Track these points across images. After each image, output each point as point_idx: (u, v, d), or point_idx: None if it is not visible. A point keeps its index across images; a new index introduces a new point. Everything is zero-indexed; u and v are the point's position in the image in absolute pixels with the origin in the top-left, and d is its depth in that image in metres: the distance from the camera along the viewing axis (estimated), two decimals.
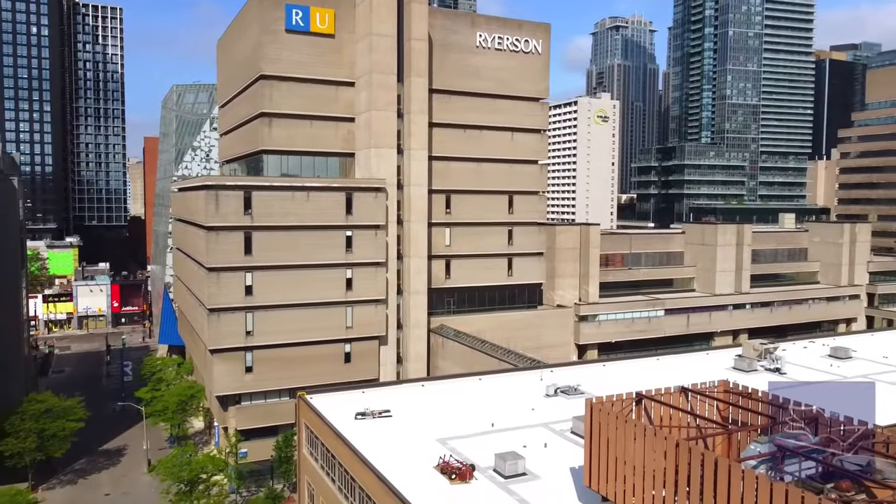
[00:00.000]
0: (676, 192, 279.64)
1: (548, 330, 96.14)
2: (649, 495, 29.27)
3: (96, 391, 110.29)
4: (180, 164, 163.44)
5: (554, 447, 42.54)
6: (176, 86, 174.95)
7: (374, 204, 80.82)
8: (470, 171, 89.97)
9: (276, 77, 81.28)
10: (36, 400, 78.84)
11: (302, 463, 53.54)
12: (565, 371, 61.68)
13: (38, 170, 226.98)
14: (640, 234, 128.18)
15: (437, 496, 35.76)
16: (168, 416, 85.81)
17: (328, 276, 78.72)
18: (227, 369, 75.73)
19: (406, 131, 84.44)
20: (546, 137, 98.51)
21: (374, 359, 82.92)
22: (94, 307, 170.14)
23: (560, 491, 36.43)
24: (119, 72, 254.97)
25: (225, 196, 73.94)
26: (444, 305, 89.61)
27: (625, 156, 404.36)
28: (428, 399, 53.67)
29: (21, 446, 73.44)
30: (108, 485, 77.84)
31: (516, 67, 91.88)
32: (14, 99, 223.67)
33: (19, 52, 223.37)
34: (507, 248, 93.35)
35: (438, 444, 43.03)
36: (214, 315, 74.63)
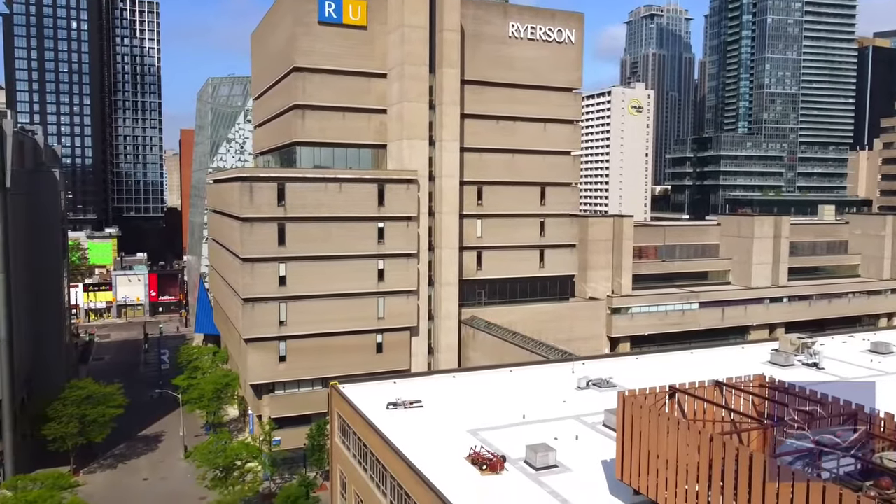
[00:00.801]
0: (712, 183, 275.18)
1: (579, 322, 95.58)
2: (682, 490, 29.00)
3: (134, 378, 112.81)
4: (215, 155, 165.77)
5: (585, 440, 42.36)
6: (211, 79, 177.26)
7: (406, 195, 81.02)
8: (502, 163, 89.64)
9: (309, 69, 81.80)
10: (77, 386, 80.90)
11: (334, 452, 54.16)
12: (597, 363, 61.28)
13: (78, 162, 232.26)
14: (674, 226, 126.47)
15: (468, 487, 35.88)
16: (204, 404, 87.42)
17: (360, 267, 79.24)
18: (262, 358, 76.83)
19: (438, 122, 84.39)
20: (579, 128, 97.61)
21: (405, 349, 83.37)
22: (132, 296, 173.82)
23: (591, 484, 36.28)
24: (156, 65, 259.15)
25: (259, 188, 74.81)
26: (475, 297, 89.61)
27: (659, 147, 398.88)
28: (459, 390, 53.80)
29: (63, 431, 75.55)
30: (146, 470, 79.70)
31: (549, 57, 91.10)
32: (56, 93, 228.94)
33: (60, 46, 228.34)
34: (539, 240, 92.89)
35: (469, 435, 43.15)
36: (249, 305, 75.71)
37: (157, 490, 73.74)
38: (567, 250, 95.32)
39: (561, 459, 38.85)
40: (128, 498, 71.66)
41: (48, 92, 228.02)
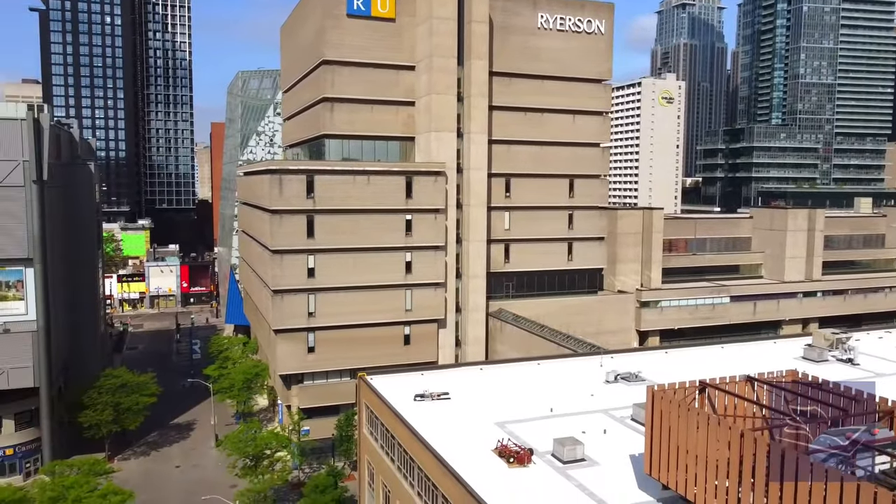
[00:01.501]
0: (744, 175, 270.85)
1: (608, 316, 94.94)
2: (712, 485, 28.71)
3: (167, 368, 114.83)
4: (245, 148, 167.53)
5: (613, 434, 42.12)
6: (241, 72, 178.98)
7: (434, 188, 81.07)
8: (530, 155, 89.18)
9: (337, 62, 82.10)
10: (112, 375, 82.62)
11: (362, 442, 54.61)
12: (626, 357, 60.84)
13: (112, 155, 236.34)
14: (705, 219, 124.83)
15: (495, 479, 35.93)
16: (234, 394, 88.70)
17: (388, 259, 79.58)
18: (291, 349, 77.67)
19: (466, 115, 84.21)
20: (609, 120, 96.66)
21: (432, 341, 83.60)
22: (164, 287, 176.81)
23: (619, 478, 36.09)
24: (187, 59, 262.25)
25: (288, 180, 75.43)
26: (502, 289, 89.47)
27: (690, 138, 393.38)
28: (486, 382, 53.83)
29: (98, 418, 77.28)
30: (178, 457, 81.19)
31: (578, 49, 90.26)
32: (90, 87, 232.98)
33: (94, 41, 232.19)
34: (568, 233, 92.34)
35: (496, 427, 43.16)
36: (278, 296, 76.51)
37: (189, 477, 75.10)
38: (596, 243, 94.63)
39: (589, 453, 38.70)
40: (161, 484, 73.12)
41: (83, 86, 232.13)
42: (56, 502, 53.37)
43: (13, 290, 72.05)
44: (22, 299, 72.26)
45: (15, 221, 69.99)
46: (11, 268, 71.68)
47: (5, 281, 71.95)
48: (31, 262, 71.45)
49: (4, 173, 69.06)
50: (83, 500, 52.35)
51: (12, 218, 69.88)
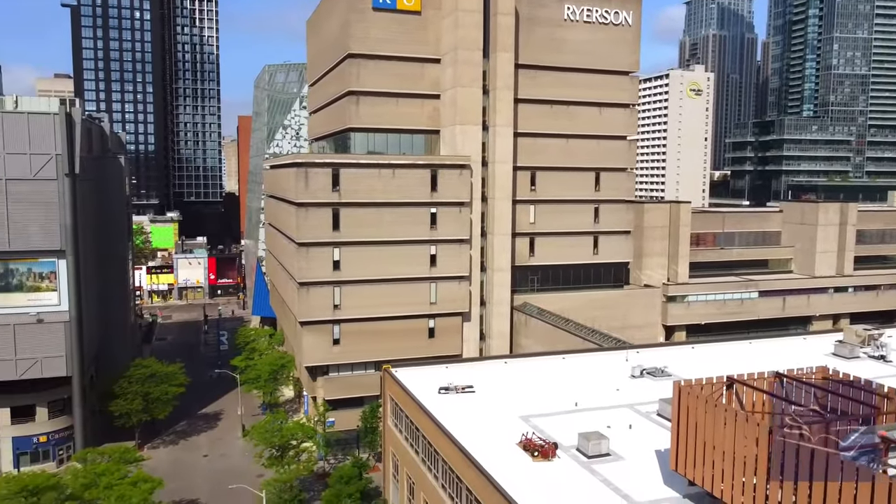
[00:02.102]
0: (774, 168, 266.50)
1: (634, 310, 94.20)
2: (739, 482, 28.45)
3: (195, 358, 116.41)
4: (272, 142, 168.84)
5: (639, 429, 41.92)
6: (268, 66, 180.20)
7: (459, 181, 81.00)
8: (556, 148, 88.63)
9: (363, 55, 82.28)
10: (142, 365, 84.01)
11: (387, 434, 54.96)
12: (652, 352, 60.44)
13: (141, 148, 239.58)
14: (733, 213, 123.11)
15: (520, 473, 35.96)
16: (260, 385, 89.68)
17: (413, 252, 79.74)
18: (316, 341, 78.31)
19: (491, 107, 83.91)
20: (636, 112, 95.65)
21: (457, 335, 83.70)
22: (192, 279, 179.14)
23: (644, 473, 35.92)
24: (214, 53, 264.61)
25: (314, 173, 75.88)
26: (527, 283, 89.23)
27: (718, 131, 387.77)
28: (511, 376, 53.85)
29: (129, 407, 78.69)
30: (206, 447, 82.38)
31: (605, 40, 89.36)
32: (120, 81, 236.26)
33: (124, 36, 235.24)
34: (593, 226, 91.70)
35: (521, 421, 43.18)
36: (304, 289, 77.13)
37: (216, 466, 76.19)
38: (622, 237, 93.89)
39: (614, 448, 38.57)
40: (189, 473, 74.29)
41: (113, 80, 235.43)
42: (88, 489, 54.44)
43: (46, 281, 73.56)
44: (55, 290, 73.70)
45: (48, 214, 71.35)
46: (45, 259, 73.12)
47: (39, 272, 73.44)
48: (63, 253, 72.82)
49: (38, 167, 70.38)
50: (114, 487, 53.31)
51: (45, 210, 71.23)
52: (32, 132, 70.12)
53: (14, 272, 72.59)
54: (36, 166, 70.29)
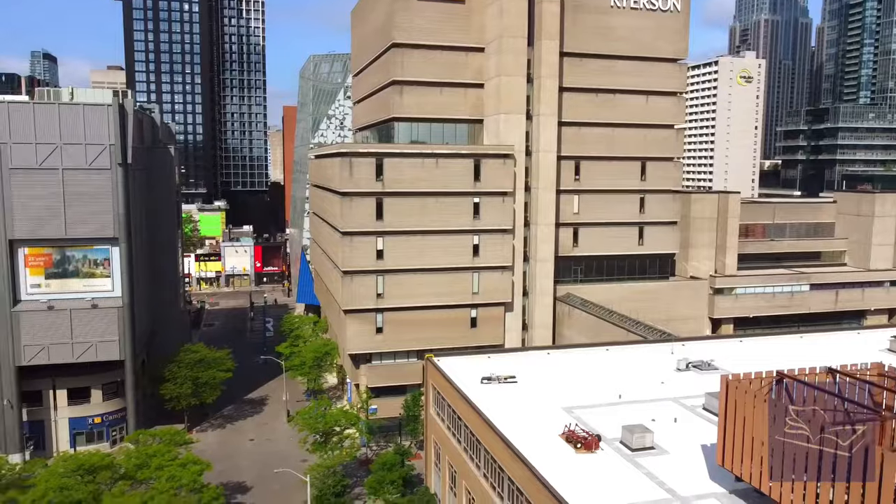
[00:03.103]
0: (828, 157, 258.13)
1: (680, 302, 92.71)
2: (788, 479, 27.83)
3: (241, 344, 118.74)
4: (316, 131, 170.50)
5: (684, 423, 41.34)
6: (313, 56, 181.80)
7: (502, 170, 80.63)
8: (601, 137, 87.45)
9: (407, 45, 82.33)
10: (191, 350, 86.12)
11: (429, 422, 55.32)
12: (698, 345, 59.48)
13: (190, 139, 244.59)
14: (784, 203, 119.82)
15: (562, 464, 35.83)
16: (305, 371, 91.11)
17: (455, 242, 79.80)
18: (359, 329, 79.15)
19: (535, 96, 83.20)
20: (683, 100, 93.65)
21: (499, 325, 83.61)
22: (239, 267, 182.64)
23: (689, 467, 35.43)
24: (260, 44, 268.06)
25: (358, 163, 76.45)
26: (570, 274, 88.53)
27: (769, 119, 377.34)
28: (553, 367, 53.60)
29: (178, 391, 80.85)
30: (252, 431, 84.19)
31: (653, 27, 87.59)
32: (170, 73, 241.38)
33: (174, 28, 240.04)
34: (639, 217, 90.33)
35: (564, 412, 42.99)
36: (348, 277, 77.95)
37: (262, 450, 77.83)
38: (668, 227, 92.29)
39: (658, 441, 38.13)
40: (236, 456, 76.06)
41: (163, 72, 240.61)
42: (140, 469, 56.18)
43: (101, 267, 75.88)
44: (108, 276, 76.01)
45: (102, 203, 73.46)
46: (99, 246, 75.43)
47: (93, 259, 75.80)
48: (116, 241, 74.97)
49: (92, 157, 72.47)
50: (165, 468, 54.89)
51: (100, 199, 73.34)
52: (87, 123, 72.18)
53: (70, 259, 75.08)
54: (91, 156, 72.38)
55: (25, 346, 72.21)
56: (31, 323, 72.48)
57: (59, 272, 74.69)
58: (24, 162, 70.49)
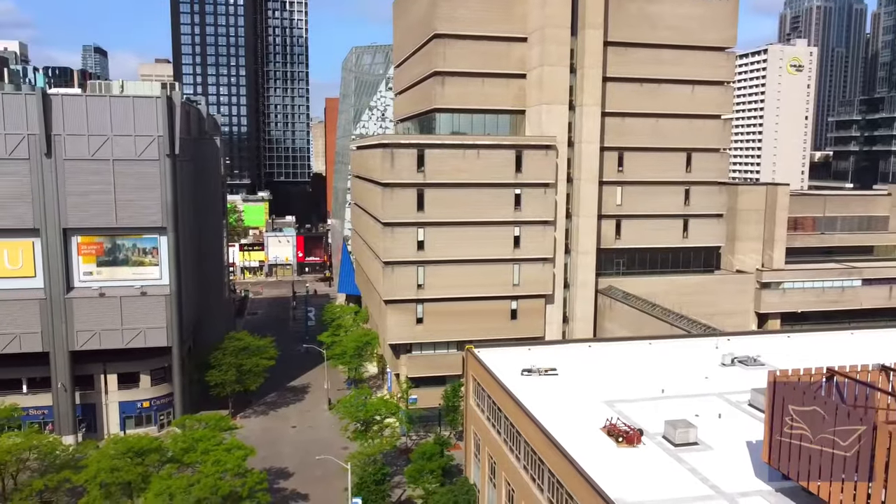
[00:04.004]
0: (883, 148, 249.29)
1: (725, 296, 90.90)
2: (838, 479, 27.14)
3: (284, 333, 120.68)
4: (358, 123, 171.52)
5: (729, 419, 40.62)
6: (355, 48, 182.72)
7: (544, 162, 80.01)
8: (645, 127, 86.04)
9: (449, 35, 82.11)
10: (235, 338, 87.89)
11: (468, 413, 55.45)
12: (744, 340, 58.32)
13: (234, 130, 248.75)
14: (835, 196, 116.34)
15: (603, 458, 35.57)
16: (346, 360, 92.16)
17: (496, 233, 79.59)
18: (400, 319, 79.64)
19: (578, 86, 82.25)
20: (731, 90, 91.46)
21: (539, 317, 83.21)
22: (282, 256, 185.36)
23: (734, 464, 34.83)
24: (304, 36, 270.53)
25: (399, 154, 76.70)
26: (612, 266, 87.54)
27: (820, 109, 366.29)
28: (594, 360, 53.17)
29: (223, 378, 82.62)
30: (294, 418, 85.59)
31: (700, 15, 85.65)
32: (215, 65, 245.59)
33: (219, 21, 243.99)
34: (683, 209, 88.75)
35: (605, 406, 42.64)
36: (389, 268, 78.44)
37: (304, 437, 79.07)
38: (714, 220, 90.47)
39: (702, 437, 37.57)
40: (279, 442, 77.45)
41: (209, 65, 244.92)
42: (187, 453, 57.61)
43: (149, 256, 77.82)
44: (157, 265, 77.92)
45: (151, 193, 75.26)
46: (148, 235, 77.35)
47: (142, 248, 77.76)
48: (164, 230, 76.77)
49: (142, 148, 74.24)
50: (211, 453, 56.15)
51: (148, 189, 75.15)
52: (137, 115, 73.92)
53: (120, 247, 77.16)
54: (140, 147, 74.15)
55: (78, 331, 74.59)
56: (84, 309, 74.79)
57: (109, 260, 76.84)
58: (77, 153, 72.59)
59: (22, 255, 73.87)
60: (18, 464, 60.01)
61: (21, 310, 73.29)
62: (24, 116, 70.84)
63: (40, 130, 70.97)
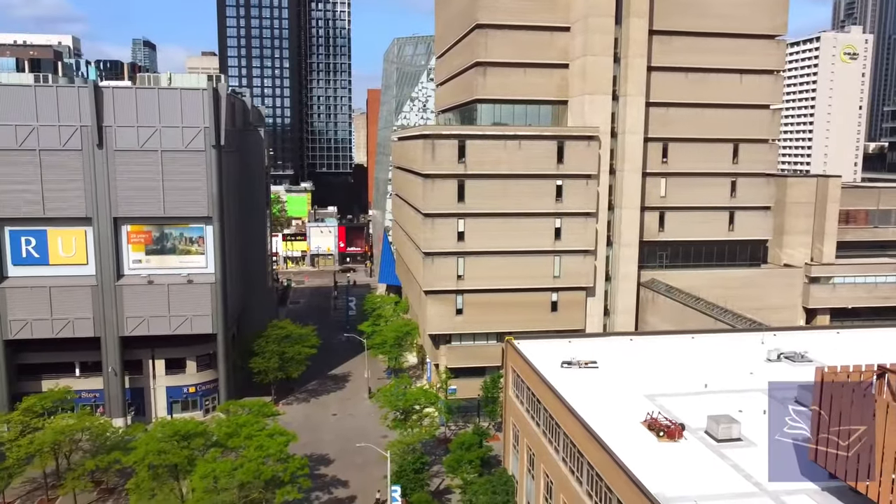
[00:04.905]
0: None
1: (771, 291, 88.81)
2: (888, 480, 26.39)
3: (325, 322, 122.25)
4: (399, 114, 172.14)
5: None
6: (396, 39, 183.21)
7: (586, 153, 79.16)
8: (690, 118, 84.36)
9: (491, 25, 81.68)
10: (278, 326, 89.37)
11: (507, 404, 55.44)
12: (791, 335, 57.02)
13: (278, 121, 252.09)
14: (890, 188, 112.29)
15: (644, 452, 35.23)
16: (386, 350, 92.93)
17: (537, 224, 79.14)
18: (440, 310, 79.92)
19: (622, 76, 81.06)
20: (781, 79, 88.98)
21: (580, 309, 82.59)
22: (323, 247, 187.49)
23: (779, 461, 34.05)
24: (346, 28, 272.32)
25: (440, 145, 76.74)
26: (655, 259, 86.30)
27: (876, 98, 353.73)
28: (636, 353, 52.60)
29: (266, 365, 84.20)
30: (335, 405, 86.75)
31: (750, 2, 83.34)
32: (260, 58, 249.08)
33: (264, 14, 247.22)
34: (729, 201, 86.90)
35: (646, 399, 42.20)
36: (429, 259, 78.72)
37: (344, 425, 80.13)
38: (761, 213, 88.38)
39: (746, 433, 36.94)
40: (320, 429, 78.63)
41: (254, 57, 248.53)
42: (231, 437, 58.90)
43: (196, 245, 79.57)
44: (203, 254, 79.63)
45: (197, 183, 76.84)
46: (194, 225, 79.06)
47: (189, 237, 79.53)
48: (210, 220, 78.35)
49: (189, 139, 75.81)
50: (254, 438, 57.30)
51: (195, 180, 76.73)
52: (184, 106, 75.45)
53: (168, 236, 79.05)
54: (187, 138, 75.70)
55: (128, 317, 76.76)
56: (133, 296, 76.91)
57: (157, 249, 78.80)
58: (127, 144, 74.49)
59: (75, 243, 76.30)
60: (71, 444, 62.24)
61: (74, 296, 75.75)
62: (77, 109, 72.98)
63: (92, 122, 73.00)
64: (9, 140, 72.06)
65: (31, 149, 72.57)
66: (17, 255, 75.49)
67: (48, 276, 75.73)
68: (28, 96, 72.29)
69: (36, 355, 77.64)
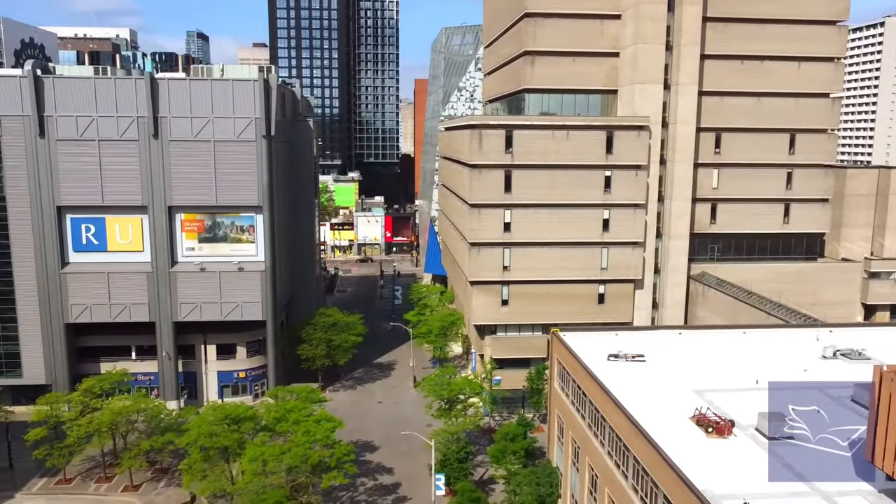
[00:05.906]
0: None
1: (827, 286, 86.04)
2: None
3: (371, 311, 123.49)
4: (447, 104, 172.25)
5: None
6: (444, 29, 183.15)
7: (636, 143, 77.87)
8: (745, 107, 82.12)
9: (540, 14, 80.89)
10: (325, 314, 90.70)
11: (552, 396, 55.19)
12: (848, 332, 55.22)
13: (327, 112, 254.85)
14: None
15: (691, 447, 34.68)
16: (431, 339, 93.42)
17: (585, 216, 78.34)
18: (485, 301, 79.91)
19: (674, 65, 79.35)
20: (842, 66, 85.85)
21: (628, 302, 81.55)
22: (370, 236, 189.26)
23: (833, 461, 33.15)
24: (394, 18, 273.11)
25: (487, 135, 76.47)
26: (706, 252, 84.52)
27: None
28: (685, 348, 51.73)
29: (313, 352, 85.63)
30: (380, 393, 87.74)
31: None
32: (309, 49, 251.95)
33: (313, 5, 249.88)
34: (785, 193, 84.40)
35: (695, 395, 41.48)
36: (475, 249, 78.70)
37: (389, 413, 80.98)
38: (818, 205, 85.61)
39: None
40: (365, 416, 79.67)
41: (303, 48, 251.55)
42: (279, 422, 60.15)
43: (246, 233, 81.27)
44: (253, 242, 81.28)
45: (248, 173, 78.34)
46: (245, 214, 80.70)
47: (240, 225, 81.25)
48: (260, 209, 79.86)
49: (240, 129, 77.26)
50: (301, 423, 58.37)
51: (246, 170, 78.25)
52: (236, 97, 76.90)
53: (220, 225, 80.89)
54: (238, 128, 77.17)
55: (181, 303, 78.93)
56: (186, 283, 79.01)
57: (210, 237, 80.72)
58: (181, 134, 76.34)
59: (132, 230, 78.74)
60: (128, 425, 64.49)
61: (131, 282, 78.26)
62: (134, 100, 75.09)
63: (148, 113, 75.03)
64: (70, 131, 74.63)
65: (90, 139, 75.03)
66: (77, 242, 78.32)
67: (106, 263, 78.40)
68: (88, 88, 74.70)
69: (95, 338, 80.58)
